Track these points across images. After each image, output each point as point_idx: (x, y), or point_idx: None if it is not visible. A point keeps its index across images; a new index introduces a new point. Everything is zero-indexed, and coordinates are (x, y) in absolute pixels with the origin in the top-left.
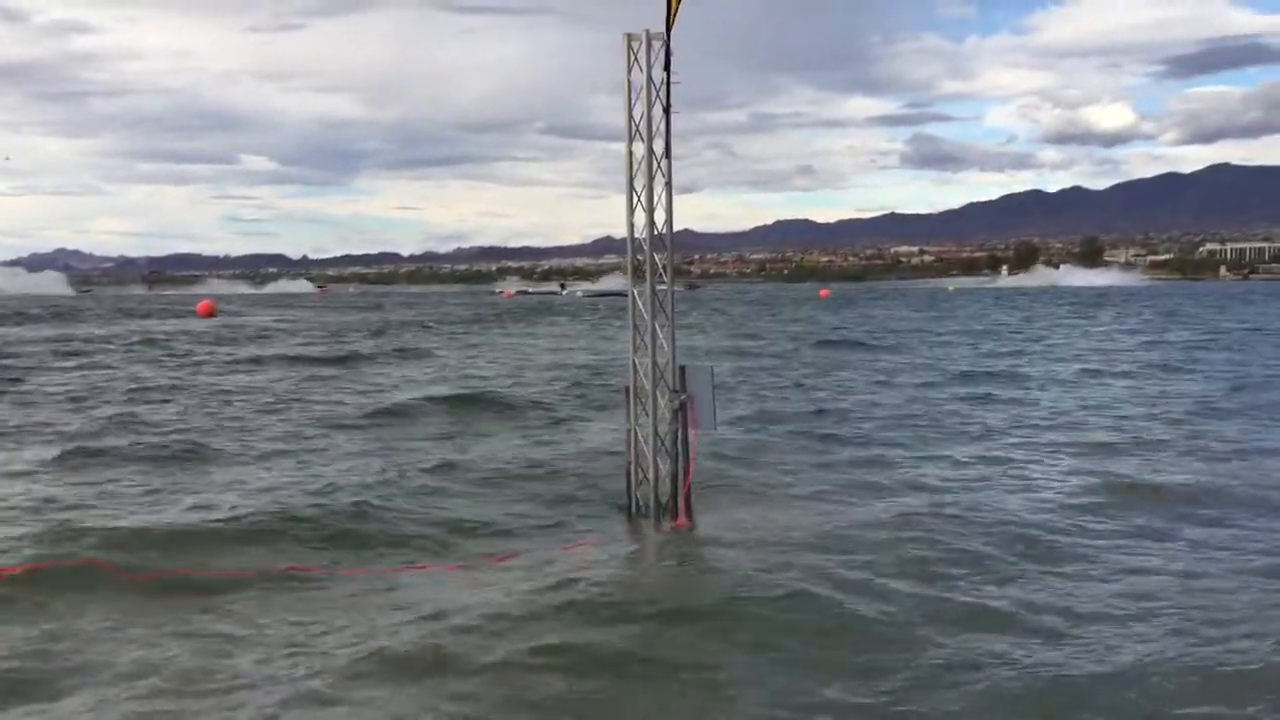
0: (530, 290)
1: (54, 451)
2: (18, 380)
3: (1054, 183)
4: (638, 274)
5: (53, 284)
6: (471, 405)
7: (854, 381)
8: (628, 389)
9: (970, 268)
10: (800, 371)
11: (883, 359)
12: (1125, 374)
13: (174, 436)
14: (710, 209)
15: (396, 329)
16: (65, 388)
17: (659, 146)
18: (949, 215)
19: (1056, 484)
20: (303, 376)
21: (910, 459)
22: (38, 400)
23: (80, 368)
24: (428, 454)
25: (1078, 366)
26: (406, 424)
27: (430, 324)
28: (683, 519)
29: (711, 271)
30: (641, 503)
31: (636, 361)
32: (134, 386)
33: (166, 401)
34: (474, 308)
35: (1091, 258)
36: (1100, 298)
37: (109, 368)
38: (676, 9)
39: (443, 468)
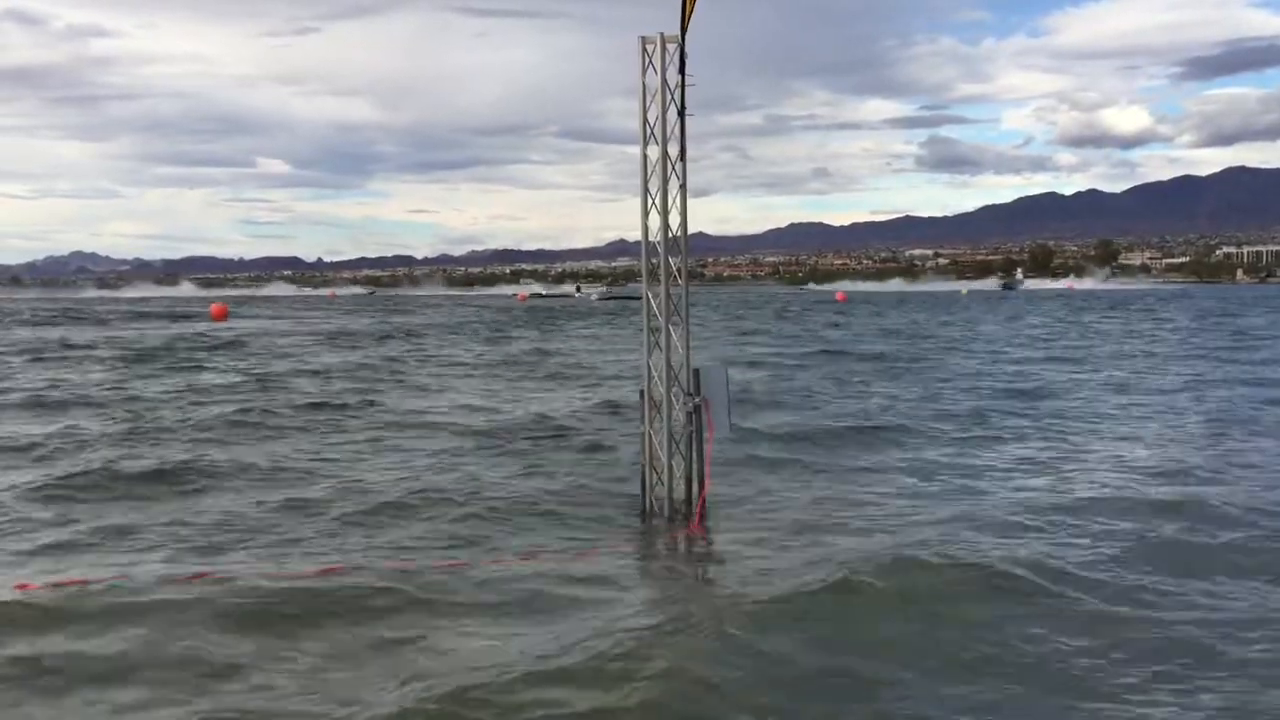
0: (544, 293)
1: None
2: None
3: (1070, 185)
4: (652, 276)
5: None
6: None
7: None
8: (642, 391)
9: (985, 271)
10: None
11: None
12: None
13: None
14: (724, 212)
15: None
16: None
17: (674, 149)
18: (964, 218)
19: None
20: None
21: None
22: None
23: None
24: None
25: None
26: None
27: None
28: (695, 525)
29: (725, 274)
30: (656, 507)
31: (651, 364)
32: None
33: None
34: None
35: (1107, 261)
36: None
37: None
38: (691, 11)
39: None
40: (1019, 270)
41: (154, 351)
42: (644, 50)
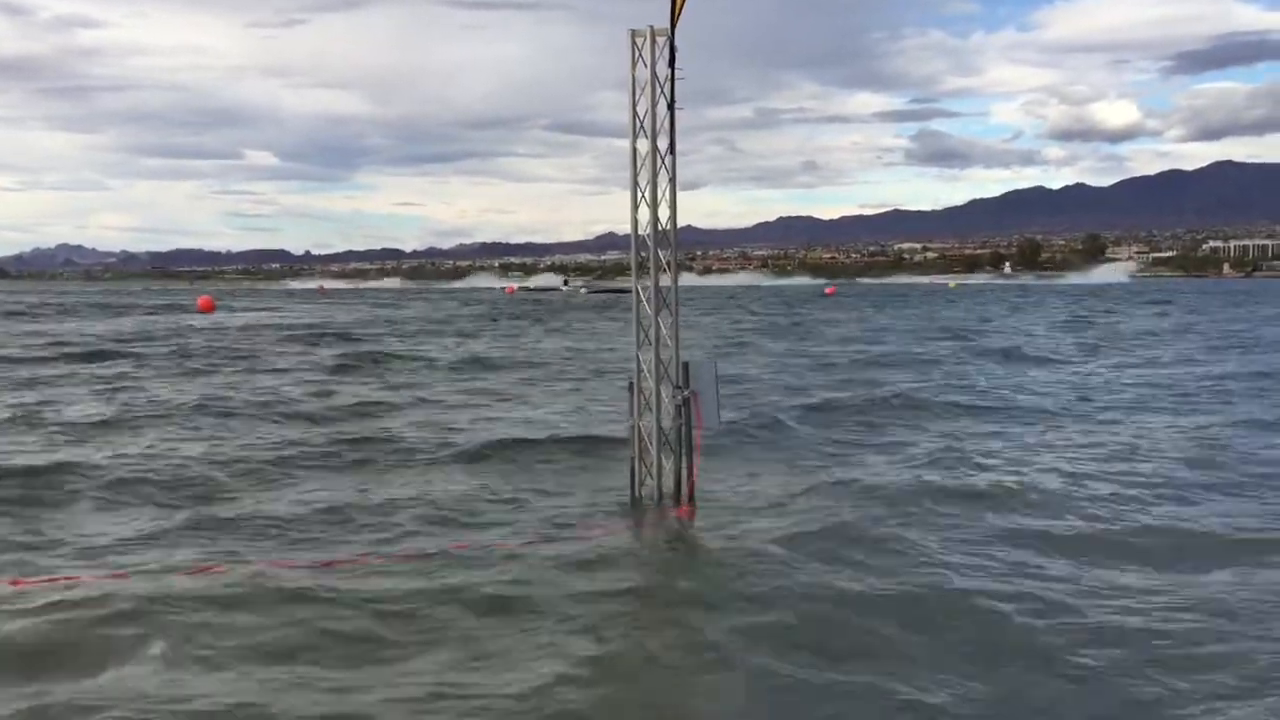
0: (531, 286)
1: None
2: None
3: (1058, 179)
4: (641, 270)
5: None
6: None
7: None
8: (631, 384)
9: (973, 265)
10: None
11: None
12: None
13: None
14: (713, 205)
15: None
16: None
17: (663, 142)
18: (952, 212)
19: None
20: None
21: None
22: None
23: None
24: None
25: None
26: None
27: None
28: (685, 507)
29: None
30: (646, 499)
31: (640, 357)
32: None
33: None
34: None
35: (1094, 254)
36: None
37: None
38: (681, 5)
39: None
40: (1006, 264)
41: None
42: (634, 44)
